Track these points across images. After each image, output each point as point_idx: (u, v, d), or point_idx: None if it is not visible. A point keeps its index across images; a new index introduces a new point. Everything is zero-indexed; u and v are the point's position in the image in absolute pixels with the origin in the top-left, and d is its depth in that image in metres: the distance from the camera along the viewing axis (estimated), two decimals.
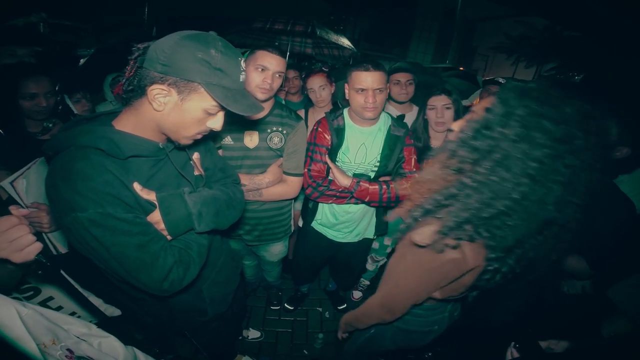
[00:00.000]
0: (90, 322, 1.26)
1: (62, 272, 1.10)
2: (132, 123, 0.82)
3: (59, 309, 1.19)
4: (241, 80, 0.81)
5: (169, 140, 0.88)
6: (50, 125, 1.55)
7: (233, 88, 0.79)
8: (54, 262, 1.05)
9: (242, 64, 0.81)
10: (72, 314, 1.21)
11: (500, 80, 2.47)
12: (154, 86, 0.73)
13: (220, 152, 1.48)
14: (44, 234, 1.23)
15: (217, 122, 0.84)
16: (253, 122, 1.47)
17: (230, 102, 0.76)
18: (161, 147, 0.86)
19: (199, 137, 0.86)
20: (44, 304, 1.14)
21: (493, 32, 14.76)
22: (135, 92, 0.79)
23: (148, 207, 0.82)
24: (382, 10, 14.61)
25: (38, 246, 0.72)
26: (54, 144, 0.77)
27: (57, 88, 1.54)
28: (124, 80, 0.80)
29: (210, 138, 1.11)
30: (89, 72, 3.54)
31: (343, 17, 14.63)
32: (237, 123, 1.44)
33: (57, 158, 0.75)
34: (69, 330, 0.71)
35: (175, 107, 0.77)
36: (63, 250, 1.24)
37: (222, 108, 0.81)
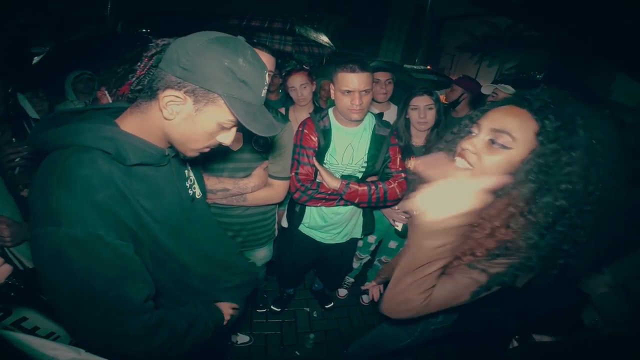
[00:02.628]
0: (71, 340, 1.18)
1: (37, 292, 1.00)
2: (137, 126, 0.73)
3: (34, 329, 1.09)
4: (263, 95, 0.75)
5: (172, 146, 0.81)
6: None
7: (254, 104, 0.72)
8: (27, 282, 0.96)
9: (267, 77, 0.75)
10: (50, 334, 1.12)
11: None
12: (168, 92, 0.65)
13: None
14: (6, 249, 1.12)
15: (228, 137, 0.77)
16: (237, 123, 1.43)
17: (250, 119, 0.69)
18: (166, 154, 0.79)
19: (207, 150, 0.79)
20: (17, 325, 1.03)
21: (459, 31, 15.39)
22: (144, 94, 0.70)
23: (143, 227, 0.73)
24: (355, 8, 14.79)
25: (7, 269, 0.65)
26: (48, 139, 0.67)
27: (10, 91, 1.40)
28: (133, 79, 0.71)
29: None
30: (46, 71, 3.27)
31: (317, 15, 14.64)
32: None
33: (55, 157, 0.65)
34: (56, 356, 0.64)
35: (187, 118, 0.69)
36: (30, 265, 1.14)
37: (238, 124, 0.73)
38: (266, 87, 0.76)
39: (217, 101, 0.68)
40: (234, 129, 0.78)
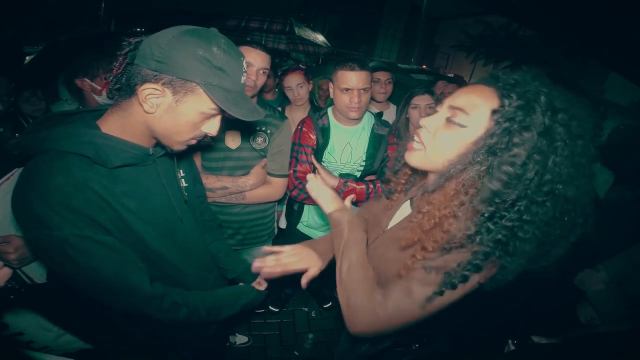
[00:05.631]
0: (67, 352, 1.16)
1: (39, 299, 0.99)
2: (119, 125, 0.73)
3: (29, 342, 1.07)
4: (242, 82, 0.75)
5: (158, 144, 0.81)
6: (1, 130, 1.39)
7: (234, 90, 0.73)
8: (28, 288, 0.94)
9: (244, 64, 0.75)
10: (44, 347, 1.10)
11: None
12: (145, 85, 0.66)
13: (199, 153, 1.42)
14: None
15: (213, 127, 0.78)
16: (235, 122, 1.42)
17: (231, 105, 0.70)
18: (151, 153, 0.79)
19: (194, 142, 0.80)
20: (12, 338, 1.02)
21: (454, 31, 15.48)
22: (123, 92, 0.71)
23: (127, 230, 0.75)
24: (351, 7, 14.80)
25: (7, 272, 0.67)
26: (29, 144, 0.68)
27: (12, 86, 1.39)
28: (111, 78, 0.72)
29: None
30: (39, 70, 3.23)
31: (313, 15, 14.62)
32: None
33: (32, 164, 0.66)
34: None
35: (168, 110, 0.70)
36: (39, 281, 1.12)
37: (221, 111, 0.74)
38: (245, 74, 0.76)
39: (196, 90, 0.68)
40: (218, 118, 0.78)
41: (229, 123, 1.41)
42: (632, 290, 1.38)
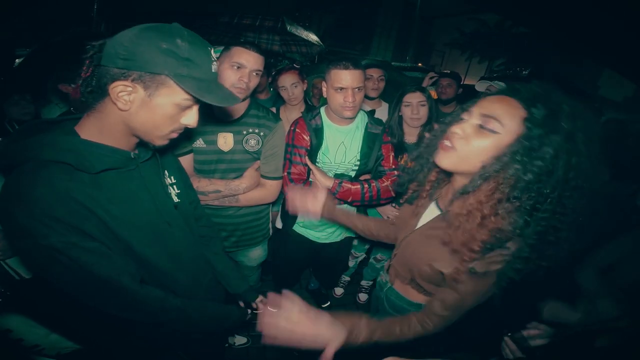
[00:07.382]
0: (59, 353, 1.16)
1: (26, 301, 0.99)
2: (97, 129, 0.73)
3: (18, 340, 1.07)
4: (213, 70, 0.75)
5: (140, 144, 0.81)
6: None
7: (205, 79, 0.73)
8: (15, 289, 0.95)
9: (213, 53, 0.75)
10: (35, 346, 1.10)
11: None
12: (115, 83, 0.66)
13: (191, 155, 1.41)
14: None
15: (191, 118, 0.77)
16: (227, 124, 1.41)
17: (204, 92, 0.70)
18: (132, 157, 0.79)
19: (175, 135, 0.79)
20: (2, 336, 1.02)
21: (449, 29, 15.48)
22: (95, 94, 0.70)
23: (113, 236, 0.75)
24: (346, 7, 14.78)
25: None
26: (9, 155, 0.67)
27: None
28: (80, 82, 0.72)
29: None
30: (29, 72, 3.19)
31: (308, 14, 14.57)
32: (209, 124, 1.37)
33: (14, 176, 0.66)
34: None
35: (143, 105, 0.70)
36: (26, 275, 1.11)
37: (196, 101, 0.75)
38: (215, 63, 0.76)
39: (167, 82, 0.69)
40: (195, 109, 0.78)
41: (220, 125, 1.40)
42: (626, 283, 1.39)
